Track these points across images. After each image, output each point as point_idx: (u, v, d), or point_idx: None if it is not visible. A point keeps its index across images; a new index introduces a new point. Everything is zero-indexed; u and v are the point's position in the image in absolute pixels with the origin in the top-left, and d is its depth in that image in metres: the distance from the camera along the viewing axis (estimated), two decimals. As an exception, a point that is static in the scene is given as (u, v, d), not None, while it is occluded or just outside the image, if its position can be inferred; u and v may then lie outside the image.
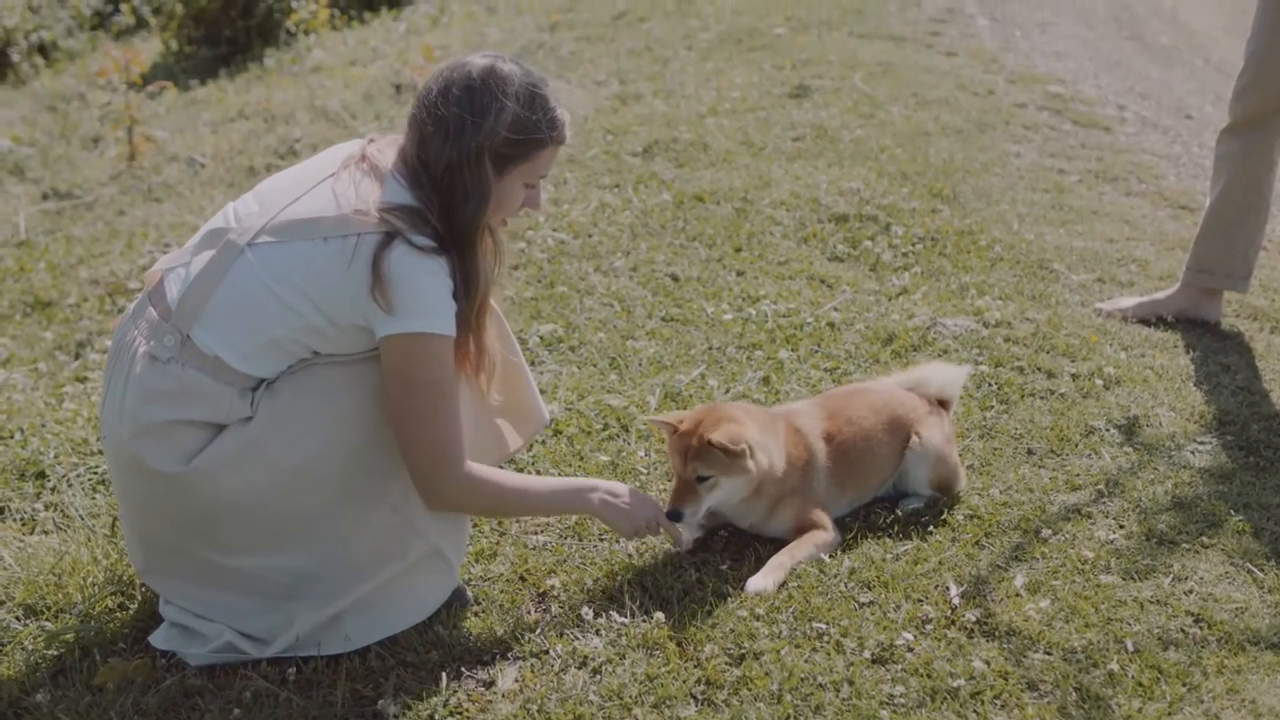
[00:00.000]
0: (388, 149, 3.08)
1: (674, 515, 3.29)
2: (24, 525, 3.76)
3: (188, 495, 2.92)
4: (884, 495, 3.74)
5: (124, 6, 16.01)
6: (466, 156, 2.96)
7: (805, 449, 3.55)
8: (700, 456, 3.30)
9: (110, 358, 3.05)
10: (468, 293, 3.01)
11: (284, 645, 3.03)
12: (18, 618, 3.27)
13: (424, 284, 2.90)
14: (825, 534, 3.46)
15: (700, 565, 3.38)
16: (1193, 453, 3.98)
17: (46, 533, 3.69)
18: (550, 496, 3.22)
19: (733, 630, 3.09)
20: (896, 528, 3.55)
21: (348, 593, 3.05)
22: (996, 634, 3.11)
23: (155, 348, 2.92)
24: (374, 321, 2.91)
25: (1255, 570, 3.36)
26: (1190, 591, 3.27)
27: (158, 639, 3.08)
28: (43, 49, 14.54)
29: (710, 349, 4.67)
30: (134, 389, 2.93)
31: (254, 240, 2.93)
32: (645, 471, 3.88)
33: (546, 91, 3.05)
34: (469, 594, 3.29)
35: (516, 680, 2.98)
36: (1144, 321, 4.93)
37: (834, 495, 3.59)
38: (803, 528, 3.47)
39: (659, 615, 3.16)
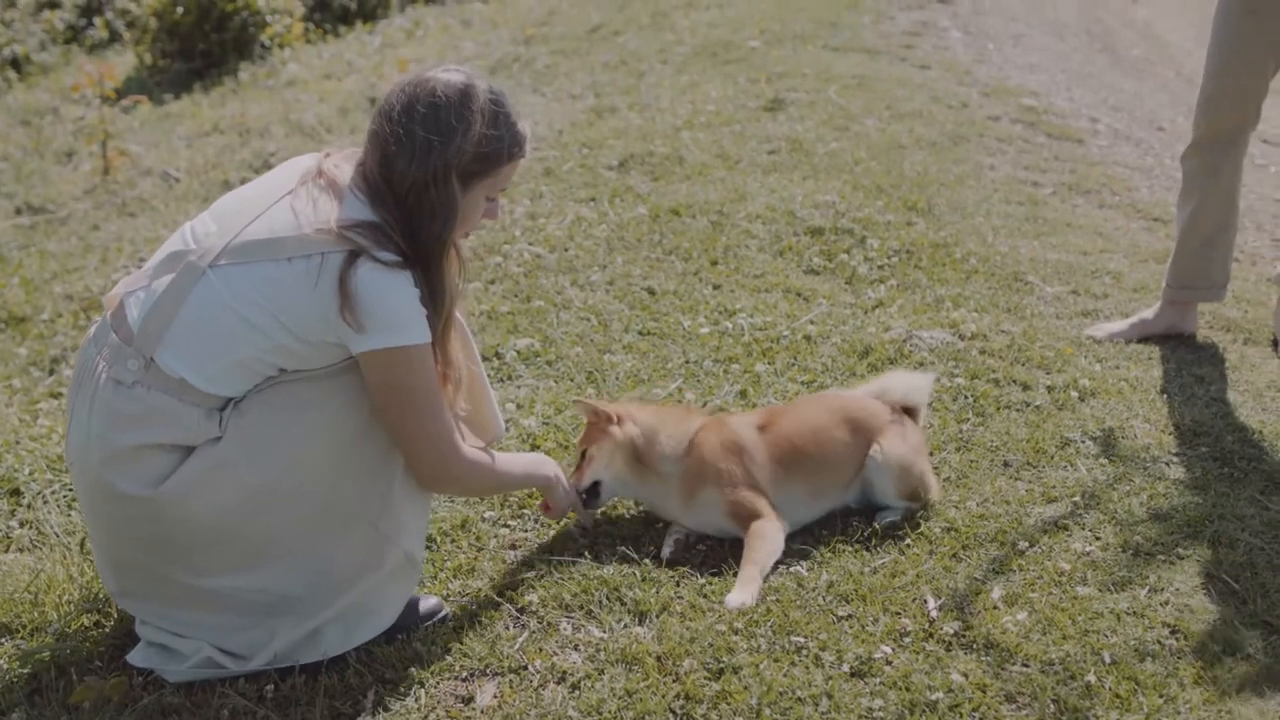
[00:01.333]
0: (344, 164, 3.06)
1: (582, 493, 3.58)
2: (-1, 543, 3.75)
3: (159, 518, 2.90)
4: (859, 508, 3.74)
5: (98, 20, 15.98)
6: (434, 175, 2.96)
7: (731, 437, 3.60)
8: (584, 430, 3.63)
9: (73, 383, 3.03)
10: (434, 307, 3.01)
11: (264, 661, 3.02)
12: (-8, 637, 3.26)
13: (392, 298, 2.90)
14: (766, 521, 3.48)
15: (679, 580, 3.38)
16: (1168, 464, 3.99)
17: (21, 550, 3.68)
18: (524, 477, 3.45)
19: (711, 645, 3.09)
20: (874, 541, 3.55)
21: (327, 607, 3.05)
22: (975, 646, 3.12)
23: (119, 372, 2.90)
24: (347, 339, 2.91)
25: (1231, 581, 3.38)
26: (1167, 603, 3.29)
27: (135, 657, 3.07)
28: (15, 63, 14.50)
29: (687, 363, 4.67)
30: (100, 414, 2.90)
31: (215, 262, 2.90)
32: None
33: (509, 106, 3.07)
34: (446, 609, 3.29)
35: (495, 696, 2.97)
36: (1141, 342, 4.94)
37: (782, 483, 3.60)
38: (737, 514, 3.51)
39: (638, 630, 3.16)
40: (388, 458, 3.07)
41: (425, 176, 2.95)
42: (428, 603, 3.29)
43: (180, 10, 12.39)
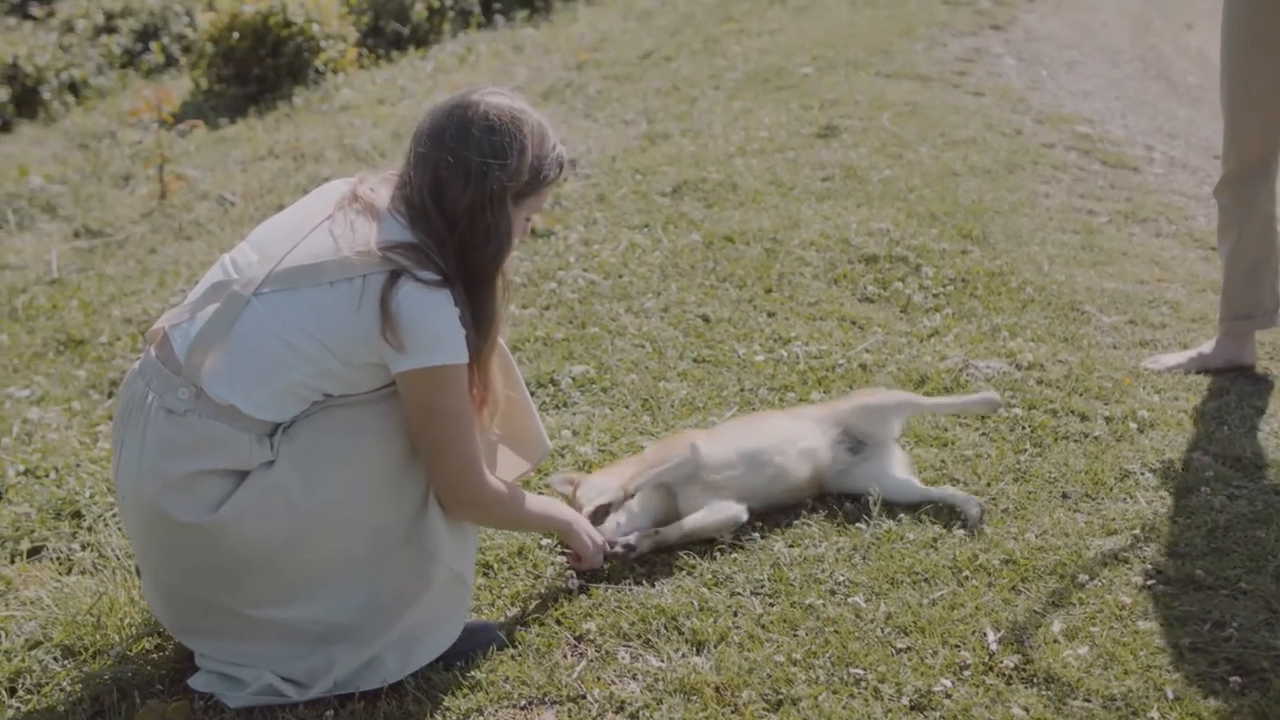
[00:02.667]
0: (380, 187, 3.09)
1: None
2: (60, 565, 3.78)
3: (215, 545, 2.92)
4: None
5: (154, 45, 16.15)
6: (490, 197, 2.99)
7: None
8: None
9: (120, 415, 3.05)
10: (480, 330, 3.04)
11: (324, 688, 3.03)
12: (56, 658, 3.29)
13: (433, 318, 2.92)
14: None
15: (736, 610, 3.38)
16: (1229, 497, 3.95)
17: (84, 573, 3.71)
18: (543, 517, 3.41)
19: (770, 675, 3.08)
20: (932, 573, 3.54)
21: (385, 633, 3.06)
22: (1035, 681, 3.10)
23: (170, 401, 2.93)
24: (388, 359, 2.93)
25: (1295, 617, 3.34)
26: (1230, 639, 3.25)
27: (196, 681, 3.09)
28: (73, 87, 14.68)
29: (742, 390, 4.67)
30: (153, 444, 2.93)
31: (259, 290, 2.93)
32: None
33: (550, 129, 3.10)
34: (502, 636, 3.29)
35: (554, 725, 2.97)
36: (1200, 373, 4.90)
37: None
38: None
39: (696, 660, 3.16)
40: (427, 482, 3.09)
41: (481, 199, 2.97)
42: (484, 628, 3.29)
43: (236, 36, 12.50)
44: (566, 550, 3.57)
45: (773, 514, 3.82)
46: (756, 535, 3.70)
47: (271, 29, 12.48)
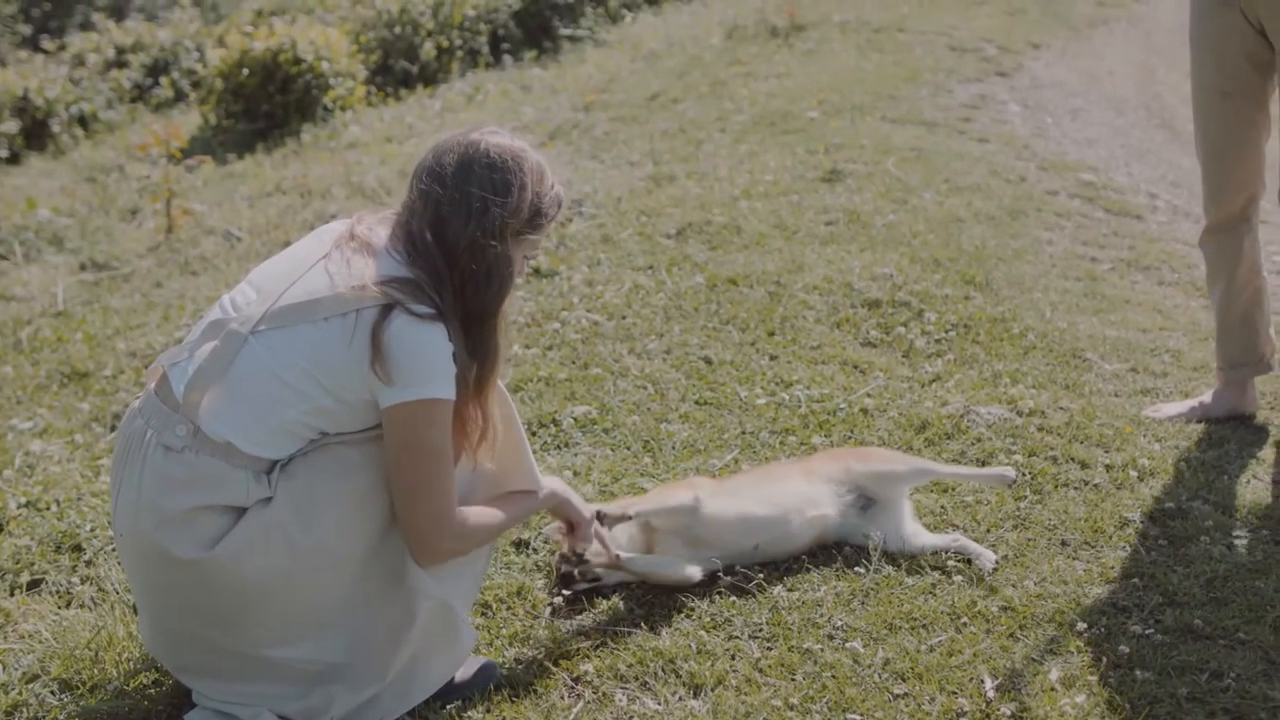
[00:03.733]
0: (378, 226, 3.12)
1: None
2: (60, 598, 3.79)
3: (212, 582, 2.93)
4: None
5: (164, 80, 16.25)
6: (491, 234, 3.02)
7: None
8: None
9: (118, 455, 3.06)
10: (482, 366, 3.05)
11: None
12: (53, 692, 3.29)
13: (424, 351, 2.94)
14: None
15: (733, 654, 3.38)
16: (1228, 546, 3.96)
17: (83, 606, 3.71)
18: (528, 510, 3.37)
19: (766, 719, 3.09)
20: (930, 619, 3.54)
21: (382, 673, 3.07)
22: (1032, 729, 3.10)
23: (168, 438, 2.94)
24: (377, 393, 2.95)
25: (1293, 668, 3.34)
26: (1228, 689, 3.25)
27: (194, 718, 3.09)
28: (83, 120, 14.79)
29: (743, 433, 4.68)
30: (151, 480, 2.94)
31: (256, 328, 2.96)
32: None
33: (549, 168, 3.14)
34: (500, 674, 3.29)
35: (550, 766, 2.97)
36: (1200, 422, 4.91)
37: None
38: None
39: (693, 703, 3.16)
40: None
41: (484, 236, 3.00)
42: (482, 666, 3.30)
43: (246, 72, 12.59)
44: (557, 535, 3.62)
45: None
46: (758, 578, 3.70)
47: (281, 66, 12.57)
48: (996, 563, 3.80)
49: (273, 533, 2.94)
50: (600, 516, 3.50)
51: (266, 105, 12.63)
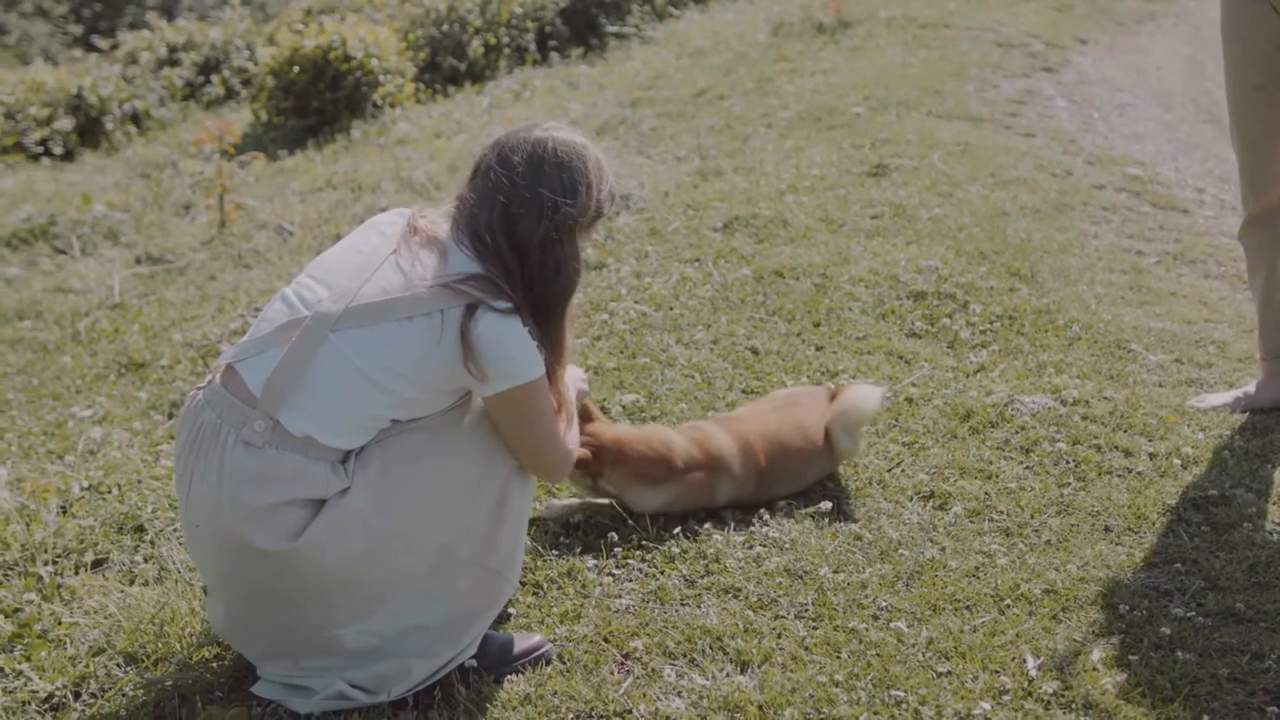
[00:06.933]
0: (440, 220, 3.19)
1: None
2: (123, 576, 3.89)
3: (294, 570, 3.02)
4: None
5: (215, 78, 16.43)
6: (562, 232, 3.10)
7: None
8: None
9: (187, 445, 3.10)
10: (552, 354, 3.14)
11: (399, 692, 3.15)
12: (119, 664, 3.39)
13: (512, 344, 3.04)
14: None
15: (779, 633, 3.45)
16: (1272, 533, 3.99)
17: (146, 584, 3.81)
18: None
19: (812, 696, 3.15)
20: (974, 600, 3.59)
21: (456, 645, 3.17)
22: (1073, 706, 3.15)
23: (247, 434, 3.00)
24: (472, 385, 3.06)
25: (1334, 651, 3.38)
26: (1268, 670, 3.29)
27: (261, 690, 3.18)
28: (135, 118, 14.97)
29: (790, 421, 4.73)
30: (231, 475, 3.01)
31: (336, 326, 3.02)
32: (724, 536, 3.94)
33: (606, 163, 3.23)
34: (548, 646, 3.37)
35: (600, 738, 3.05)
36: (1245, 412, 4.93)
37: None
38: None
39: (740, 679, 3.23)
40: (495, 499, 3.21)
41: (553, 234, 3.08)
42: (531, 641, 3.38)
43: (296, 69, 12.73)
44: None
45: (819, 540, 3.89)
46: (803, 561, 3.77)
47: (331, 63, 12.70)
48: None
49: (352, 522, 3.02)
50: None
51: (317, 102, 12.77)
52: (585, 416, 3.91)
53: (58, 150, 13.60)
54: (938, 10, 14.30)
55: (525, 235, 3.08)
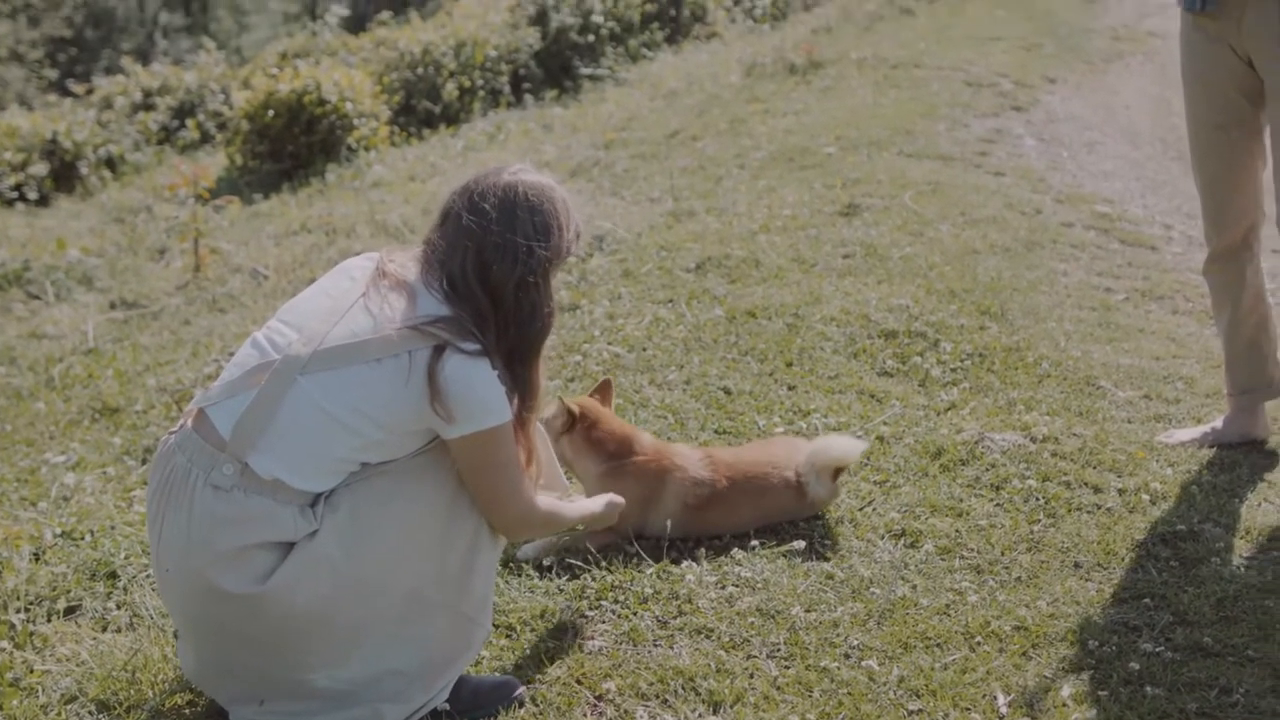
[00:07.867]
0: (409, 263, 3.22)
1: None
2: (96, 623, 3.88)
3: (263, 613, 3.03)
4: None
5: (190, 122, 16.46)
6: (537, 274, 3.14)
7: None
8: None
9: (158, 489, 3.12)
10: (525, 401, 3.18)
11: None
12: (91, 712, 3.38)
13: (479, 386, 3.06)
14: None
15: (751, 673, 3.46)
16: (1239, 568, 4.03)
17: (119, 631, 3.81)
18: (581, 518, 3.69)
19: (784, 735, 3.17)
20: (944, 638, 3.61)
21: (429, 690, 3.18)
22: (1044, 743, 3.17)
23: (216, 477, 3.02)
24: (439, 427, 3.07)
25: (1301, 684, 3.41)
26: (1236, 704, 3.32)
27: (234, 736, 3.19)
28: (110, 163, 15.00)
29: (762, 461, 4.75)
30: (200, 519, 3.02)
31: (305, 369, 3.04)
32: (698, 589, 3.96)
33: (571, 201, 3.27)
34: (522, 689, 3.38)
35: (573, 780, 3.05)
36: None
37: None
38: None
39: (713, 719, 3.24)
40: (466, 544, 3.22)
41: (529, 277, 3.11)
42: (503, 683, 3.38)
43: (271, 113, 12.77)
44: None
45: (791, 579, 3.91)
46: (775, 600, 3.79)
47: (306, 107, 12.75)
48: None
49: (321, 565, 3.03)
50: None
51: (291, 146, 12.80)
52: (605, 391, 4.29)
53: (32, 195, 13.62)
54: (908, 51, 14.41)
55: (500, 280, 3.11)
